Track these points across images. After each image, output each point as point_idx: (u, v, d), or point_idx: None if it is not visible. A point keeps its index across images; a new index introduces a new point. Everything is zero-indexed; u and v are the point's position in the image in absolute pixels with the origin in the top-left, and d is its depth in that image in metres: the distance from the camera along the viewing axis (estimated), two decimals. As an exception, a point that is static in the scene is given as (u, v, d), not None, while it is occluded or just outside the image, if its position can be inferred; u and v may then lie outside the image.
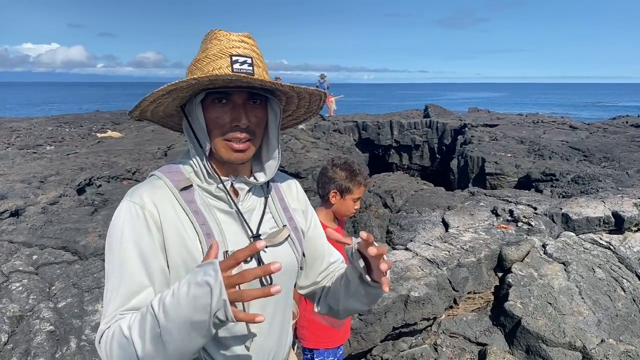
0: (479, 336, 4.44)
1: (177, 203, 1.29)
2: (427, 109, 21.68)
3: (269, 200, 1.44)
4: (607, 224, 5.92)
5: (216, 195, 1.33)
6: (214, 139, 1.30)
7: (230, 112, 1.28)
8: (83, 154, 10.79)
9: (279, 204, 1.46)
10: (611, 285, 4.72)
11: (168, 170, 1.35)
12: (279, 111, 1.37)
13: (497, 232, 5.56)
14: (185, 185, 1.31)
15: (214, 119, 1.29)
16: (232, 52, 1.25)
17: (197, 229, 1.26)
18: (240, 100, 1.29)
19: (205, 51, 1.28)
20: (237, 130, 1.28)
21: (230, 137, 1.28)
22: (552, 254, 5.15)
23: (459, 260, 4.85)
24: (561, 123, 16.49)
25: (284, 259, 1.38)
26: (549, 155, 11.27)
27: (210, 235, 1.27)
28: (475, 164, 11.84)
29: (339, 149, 14.16)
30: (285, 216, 1.45)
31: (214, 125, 1.29)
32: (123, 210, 1.25)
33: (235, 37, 1.28)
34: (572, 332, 4.19)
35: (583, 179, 8.28)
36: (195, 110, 1.29)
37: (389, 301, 4.23)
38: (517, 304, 4.42)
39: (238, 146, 1.29)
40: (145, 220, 1.23)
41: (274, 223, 1.42)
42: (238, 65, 1.24)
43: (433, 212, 6.52)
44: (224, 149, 1.30)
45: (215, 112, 1.28)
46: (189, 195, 1.30)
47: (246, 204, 1.37)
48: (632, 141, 12.26)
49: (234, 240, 1.31)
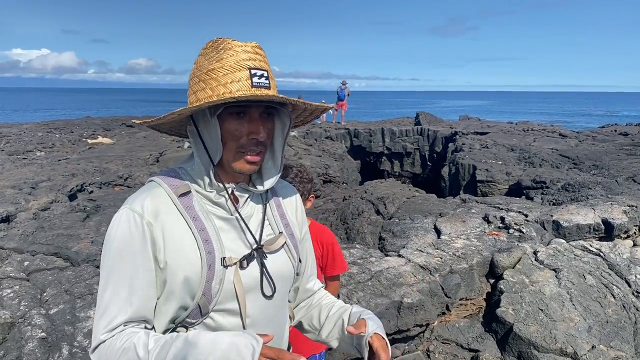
0: (471, 342, 4.46)
1: (176, 209, 1.29)
2: (418, 116, 21.80)
3: (267, 207, 1.46)
4: (597, 231, 5.98)
5: (215, 202, 1.34)
6: (227, 150, 1.30)
7: (248, 125, 1.29)
8: (74, 159, 10.73)
9: (276, 211, 1.48)
10: (601, 291, 4.77)
11: (167, 176, 1.35)
12: (289, 123, 1.39)
13: (488, 239, 5.60)
14: (183, 192, 1.32)
15: (232, 131, 1.29)
16: (250, 65, 1.25)
17: (196, 235, 1.27)
18: (257, 113, 1.30)
19: (220, 61, 1.26)
20: (253, 142, 1.29)
21: (247, 149, 1.30)
22: (543, 260, 5.19)
23: (451, 267, 4.87)
24: (551, 131, 16.65)
25: (280, 265, 1.41)
26: (539, 163, 11.36)
27: (208, 242, 1.28)
28: (466, 171, 11.91)
29: (331, 156, 14.19)
30: (282, 223, 1.47)
31: (230, 137, 1.29)
32: (123, 218, 1.26)
33: (249, 49, 1.28)
34: (563, 338, 4.22)
35: (573, 186, 8.35)
36: (210, 122, 1.28)
37: (382, 307, 4.24)
38: (509, 310, 4.45)
39: (252, 158, 1.30)
40: (143, 230, 1.24)
41: (271, 230, 1.44)
42: (257, 79, 1.25)
43: (425, 218, 6.55)
44: (237, 160, 1.31)
45: (233, 125, 1.28)
46: (187, 201, 1.31)
47: (245, 211, 1.39)
48: (620, 149, 12.40)
49: (231, 248, 1.33)
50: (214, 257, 1.28)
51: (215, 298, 1.28)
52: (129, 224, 1.25)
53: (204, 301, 1.27)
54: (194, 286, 1.26)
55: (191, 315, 1.29)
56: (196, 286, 1.26)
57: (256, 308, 1.35)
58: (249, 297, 1.33)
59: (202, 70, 1.29)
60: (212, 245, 1.28)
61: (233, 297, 1.31)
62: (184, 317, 1.29)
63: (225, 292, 1.29)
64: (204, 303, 1.27)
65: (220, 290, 1.28)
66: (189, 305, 1.27)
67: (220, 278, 1.28)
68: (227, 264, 1.29)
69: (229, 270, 1.30)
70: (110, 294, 1.23)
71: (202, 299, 1.26)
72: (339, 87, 21.75)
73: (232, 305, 1.31)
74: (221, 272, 1.28)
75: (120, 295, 1.22)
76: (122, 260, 1.23)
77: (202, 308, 1.28)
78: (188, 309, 1.28)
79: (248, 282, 1.33)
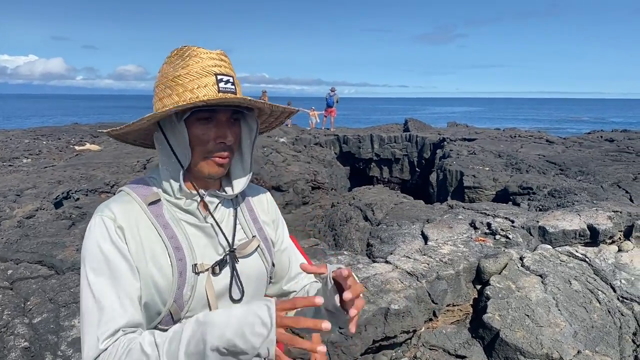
0: (458, 348, 4.47)
1: (146, 217, 1.30)
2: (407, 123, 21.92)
3: (239, 211, 1.47)
4: (583, 236, 6.02)
5: (185, 209, 1.34)
6: (195, 155, 1.31)
7: (215, 130, 1.30)
8: (61, 167, 10.65)
9: (248, 215, 1.49)
10: (587, 297, 4.80)
11: (136, 185, 1.36)
12: (256, 127, 1.42)
13: (475, 245, 5.63)
14: (153, 200, 1.32)
15: (199, 136, 1.30)
16: (216, 71, 1.28)
17: (166, 243, 1.28)
18: (225, 117, 1.32)
19: (185, 68, 1.28)
20: (221, 147, 1.31)
21: (215, 154, 1.31)
22: (530, 266, 5.22)
23: (438, 273, 4.89)
24: (538, 137, 16.79)
25: (253, 269, 1.42)
26: (526, 169, 11.44)
27: (179, 249, 1.28)
28: (454, 177, 11.97)
29: (320, 162, 14.21)
30: (254, 227, 1.48)
31: (197, 142, 1.30)
32: (97, 225, 1.25)
33: (215, 56, 1.31)
34: (549, 344, 4.24)
35: (559, 192, 8.42)
36: (177, 127, 1.29)
37: (369, 314, 4.24)
38: (496, 316, 4.47)
39: (220, 160, 1.32)
40: (116, 234, 1.24)
41: (244, 234, 1.44)
42: (223, 84, 1.27)
43: (413, 225, 6.57)
44: (206, 165, 1.32)
45: (200, 130, 1.30)
46: (157, 210, 1.32)
47: (216, 217, 1.39)
48: (606, 155, 12.53)
49: (203, 254, 1.33)
50: (185, 264, 1.28)
51: (187, 305, 1.28)
52: (105, 229, 1.25)
53: (175, 308, 1.27)
54: (164, 293, 1.26)
55: (163, 322, 1.29)
56: (167, 293, 1.26)
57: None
58: (221, 303, 1.34)
59: (168, 77, 1.30)
60: (183, 253, 1.29)
61: (205, 303, 1.31)
62: (156, 323, 1.29)
63: (197, 299, 1.29)
64: (176, 310, 1.27)
65: (192, 297, 1.28)
66: (161, 311, 1.27)
67: (192, 285, 1.28)
68: (198, 271, 1.30)
69: (201, 276, 1.30)
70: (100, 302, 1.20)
71: (173, 306, 1.26)
72: (327, 94, 21.83)
73: (204, 312, 1.30)
74: (192, 279, 1.28)
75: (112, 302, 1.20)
76: (105, 266, 1.22)
77: (173, 315, 1.28)
78: (160, 314, 1.28)
79: (220, 288, 1.34)
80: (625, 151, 13.02)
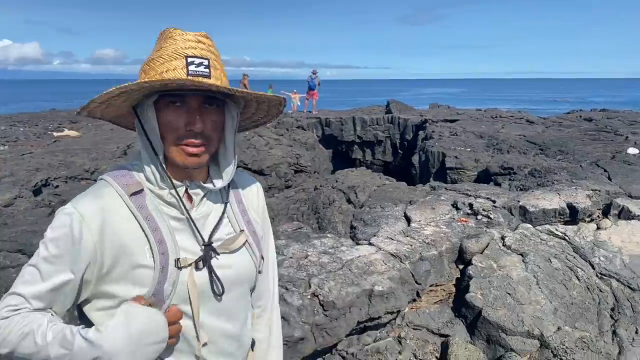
0: (442, 328, 4.53)
1: (127, 209, 1.24)
2: (389, 105, 21.90)
3: (227, 204, 1.41)
4: (563, 215, 6.12)
5: (168, 202, 1.29)
6: (167, 143, 1.25)
7: (185, 116, 1.24)
8: (39, 154, 10.47)
9: (237, 208, 1.43)
10: (566, 274, 4.89)
11: (118, 174, 1.29)
12: (237, 115, 1.34)
13: (457, 226, 5.68)
14: (135, 190, 1.26)
15: (168, 123, 1.24)
16: (188, 53, 1.21)
17: (149, 236, 1.23)
18: (196, 103, 1.24)
19: (159, 51, 1.23)
20: (191, 134, 1.24)
21: (184, 142, 1.24)
22: (511, 245, 5.29)
23: (421, 254, 4.93)
24: (519, 118, 16.90)
25: (239, 266, 1.38)
26: (507, 149, 11.54)
27: (162, 242, 1.24)
28: (436, 158, 12.03)
29: (302, 146, 14.18)
30: (243, 220, 1.43)
31: (167, 129, 1.24)
32: (63, 217, 1.21)
33: (191, 37, 1.24)
34: (530, 321, 4.32)
35: (539, 172, 8.52)
36: (147, 113, 1.24)
37: (354, 296, 4.27)
38: (478, 295, 4.53)
39: (192, 150, 1.25)
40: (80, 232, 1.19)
41: (231, 228, 1.39)
42: (194, 67, 1.20)
43: (395, 206, 6.60)
44: (178, 154, 1.25)
45: (169, 116, 1.24)
46: (139, 200, 1.26)
47: (200, 210, 1.34)
48: (585, 135, 12.67)
49: (187, 248, 1.28)
50: (168, 258, 1.24)
51: (168, 300, 1.24)
52: (67, 223, 1.19)
53: (157, 303, 1.23)
54: (146, 288, 1.22)
55: None
56: (148, 288, 1.22)
57: (212, 309, 1.32)
58: (203, 299, 1.30)
59: (146, 61, 1.26)
60: (165, 246, 1.24)
61: (186, 299, 1.27)
62: None
63: (178, 294, 1.25)
64: (157, 305, 1.23)
65: (172, 293, 1.24)
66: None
67: (174, 280, 1.24)
68: (181, 265, 1.25)
69: (183, 272, 1.26)
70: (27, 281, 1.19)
71: (151, 299, 1.22)
72: (309, 76, 21.68)
73: (184, 308, 1.28)
74: (174, 274, 1.24)
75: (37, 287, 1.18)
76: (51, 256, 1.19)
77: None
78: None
79: (203, 283, 1.29)
80: (603, 130, 13.19)
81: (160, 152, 1.26)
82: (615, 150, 10.18)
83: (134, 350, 1.17)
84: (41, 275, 1.18)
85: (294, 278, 4.44)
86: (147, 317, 1.20)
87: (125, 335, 1.16)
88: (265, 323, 1.62)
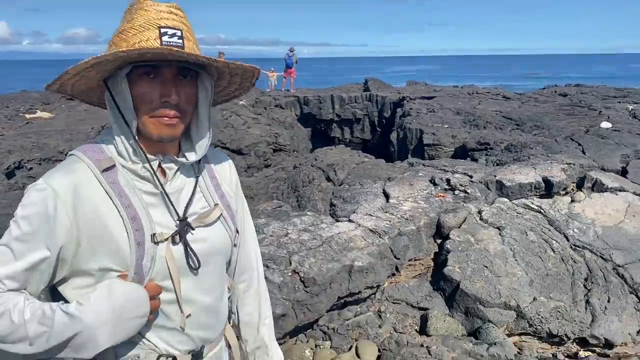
0: (421, 301, 4.61)
1: (99, 185, 1.22)
2: (367, 82, 21.83)
3: (200, 178, 1.39)
4: (538, 189, 6.22)
5: (141, 176, 1.27)
6: (141, 116, 1.23)
7: (160, 88, 1.21)
8: (11, 136, 10.23)
9: (210, 182, 1.42)
10: (542, 246, 4.99)
11: (89, 149, 1.26)
12: (211, 87, 1.32)
13: (435, 201, 5.74)
14: (107, 166, 1.23)
15: (142, 95, 1.21)
16: (161, 24, 1.18)
17: (122, 212, 1.21)
18: (170, 75, 1.22)
19: (130, 22, 1.20)
20: (166, 106, 1.22)
21: (159, 113, 1.22)
22: (488, 219, 5.37)
23: (400, 229, 4.98)
24: (495, 94, 17.02)
25: (214, 239, 1.37)
26: (484, 125, 11.64)
27: (136, 219, 1.22)
28: (413, 135, 12.09)
29: (280, 124, 14.11)
30: (217, 194, 1.42)
31: (141, 101, 1.21)
32: (34, 193, 1.18)
33: (163, 8, 1.21)
34: (506, 293, 4.42)
35: (515, 147, 8.62)
36: (120, 85, 1.21)
37: (334, 272, 4.31)
38: (456, 269, 4.61)
39: (168, 121, 1.23)
40: (55, 208, 1.16)
41: (205, 202, 1.38)
42: (167, 38, 1.18)
43: (374, 183, 6.64)
44: (152, 126, 1.23)
45: (143, 87, 1.21)
46: (111, 176, 1.23)
47: (174, 184, 1.32)
48: (560, 110, 12.83)
49: (161, 223, 1.27)
50: (143, 234, 1.22)
51: (148, 275, 1.24)
52: (40, 199, 1.16)
53: (137, 279, 1.22)
54: (123, 266, 1.21)
55: None
56: (125, 265, 1.21)
57: (190, 283, 1.32)
58: (182, 272, 1.30)
59: (115, 33, 1.22)
60: (140, 222, 1.22)
61: (167, 274, 1.27)
62: None
63: (157, 269, 1.25)
64: (137, 281, 1.23)
65: (152, 268, 1.24)
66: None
67: (152, 255, 1.23)
68: (157, 240, 1.24)
69: (160, 246, 1.25)
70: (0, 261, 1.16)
71: (134, 278, 1.22)
72: (286, 54, 21.46)
73: (166, 282, 1.27)
74: (152, 250, 1.23)
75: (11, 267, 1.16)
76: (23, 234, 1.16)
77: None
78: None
79: (180, 257, 1.29)
80: (578, 105, 13.37)
81: (134, 125, 1.23)
82: (589, 124, 10.34)
83: (115, 324, 1.17)
84: (14, 254, 1.16)
85: (274, 256, 4.46)
86: (130, 290, 1.20)
87: (108, 308, 1.16)
88: (253, 296, 1.63)
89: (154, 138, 1.25)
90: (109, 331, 1.16)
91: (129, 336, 1.22)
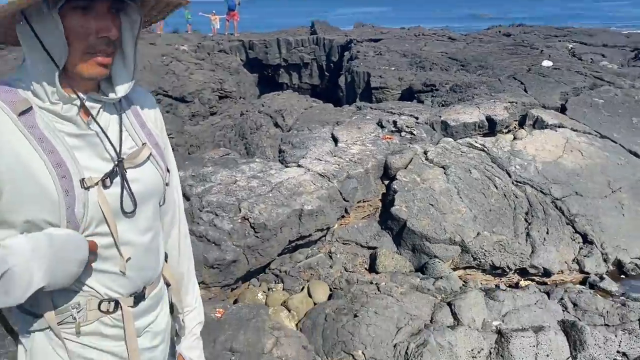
0: (370, 241, 4.71)
1: (17, 130, 1.12)
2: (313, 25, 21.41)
3: (124, 117, 1.31)
4: (482, 127, 6.36)
5: (63, 116, 1.17)
6: (73, 53, 1.13)
7: (95, 22, 1.12)
8: None
9: (134, 120, 1.34)
10: (485, 183, 5.15)
11: (1, 90, 1.15)
12: (139, 20, 1.23)
13: (382, 143, 5.79)
14: (24, 108, 1.14)
15: (77, 29, 1.11)
16: None
17: (44, 159, 1.13)
18: (105, 7, 1.13)
19: None
20: (104, 41, 1.13)
21: (95, 50, 1.13)
22: (433, 159, 5.48)
23: (348, 172, 5.02)
24: (441, 35, 17.07)
25: (147, 179, 1.31)
26: (430, 67, 11.70)
27: (61, 165, 1.14)
28: (361, 79, 12.04)
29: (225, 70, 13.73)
30: (143, 133, 1.35)
31: (75, 36, 1.11)
32: None
33: None
34: (451, 229, 4.57)
35: (460, 87, 8.74)
36: (49, 18, 1.09)
37: (284, 217, 4.33)
38: (403, 208, 4.71)
39: (104, 60, 1.15)
40: None
41: (132, 142, 1.31)
42: None
43: (323, 128, 6.62)
44: (85, 64, 1.14)
45: (79, 21, 1.11)
46: (29, 120, 1.14)
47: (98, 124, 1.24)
48: (503, 50, 13.02)
49: (91, 167, 1.20)
50: (71, 180, 1.15)
51: (83, 223, 1.17)
52: None
53: (72, 228, 1.15)
54: (54, 216, 1.14)
55: None
56: (56, 216, 1.14)
57: (127, 225, 1.27)
58: (118, 215, 1.24)
59: None
60: (66, 168, 1.14)
61: (101, 219, 1.21)
62: None
63: (91, 215, 1.18)
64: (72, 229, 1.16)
65: (85, 215, 1.17)
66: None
67: (83, 202, 1.16)
68: (87, 185, 1.17)
69: (92, 191, 1.18)
70: None
71: (68, 227, 1.15)
72: None
73: (102, 227, 1.21)
74: (83, 195, 1.16)
75: None
76: None
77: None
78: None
79: (114, 200, 1.22)
80: (520, 45, 13.60)
81: (62, 63, 1.13)
82: (531, 63, 10.56)
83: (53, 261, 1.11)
84: None
85: (223, 203, 4.42)
86: (69, 233, 1.14)
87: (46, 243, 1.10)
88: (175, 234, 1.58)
89: (83, 77, 1.16)
90: (45, 267, 1.10)
91: (66, 281, 1.16)
